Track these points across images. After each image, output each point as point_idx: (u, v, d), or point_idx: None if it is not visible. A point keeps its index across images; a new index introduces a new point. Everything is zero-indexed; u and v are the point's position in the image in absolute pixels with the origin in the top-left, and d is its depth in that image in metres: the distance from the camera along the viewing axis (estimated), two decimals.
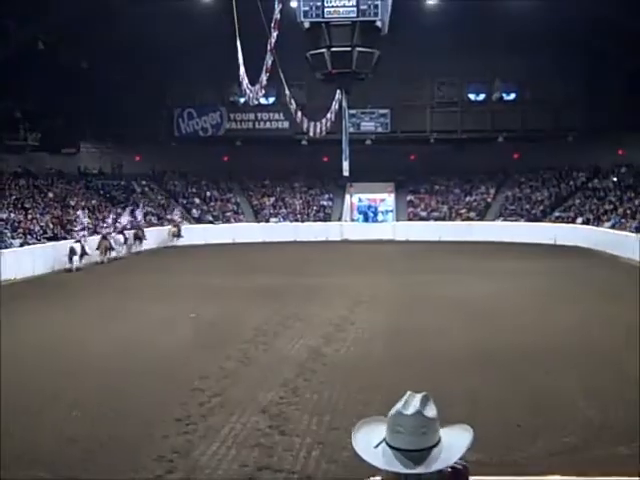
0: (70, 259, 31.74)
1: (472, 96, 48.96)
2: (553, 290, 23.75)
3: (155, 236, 42.12)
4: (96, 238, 34.86)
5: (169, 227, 44.31)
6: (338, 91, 30.63)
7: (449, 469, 3.07)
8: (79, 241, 32.88)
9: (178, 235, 43.41)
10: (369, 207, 50.34)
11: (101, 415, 11.52)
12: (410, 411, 2.99)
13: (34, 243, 32.54)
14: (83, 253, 32.47)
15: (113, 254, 35.86)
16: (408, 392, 3.10)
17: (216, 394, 12.46)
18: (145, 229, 41.12)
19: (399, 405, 3.03)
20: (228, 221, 46.87)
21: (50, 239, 34.00)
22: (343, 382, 13.27)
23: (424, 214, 47.88)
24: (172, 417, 11.23)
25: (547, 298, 22.14)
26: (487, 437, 8.96)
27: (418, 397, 3.05)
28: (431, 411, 3.02)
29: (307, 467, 9.40)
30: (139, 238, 40.08)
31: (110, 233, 36.20)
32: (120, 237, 37.52)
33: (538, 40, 40.39)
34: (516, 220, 44.74)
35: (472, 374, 13.54)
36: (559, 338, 16.27)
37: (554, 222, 42.92)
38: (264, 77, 20.55)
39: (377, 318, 19.51)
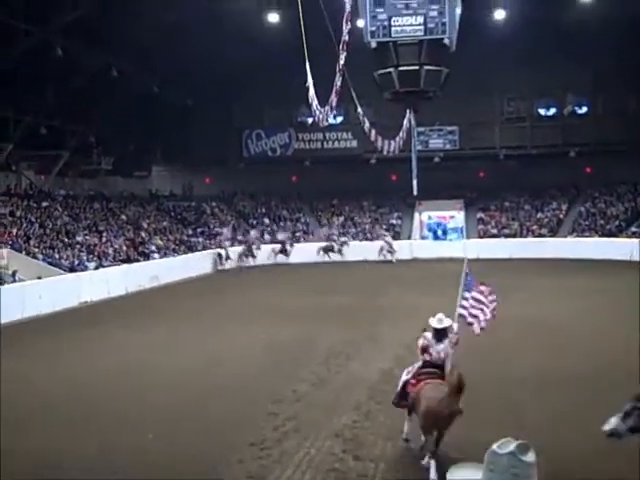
0: (218, 262, 41.14)
1: (542, 111, 48.37)
2: (631, 310, 22.88)
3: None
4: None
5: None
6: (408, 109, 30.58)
7: None
8: (225, 248, 41.72)
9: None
10: (438, 225, 49.94)
11: (177, 438, 11.62)
12: (503, 451, 3.00)
13: (108, 266, 33.24)
14: (227, 257, 41.29)
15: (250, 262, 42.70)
16: (508, 438, 3.11)
17: (290, 418, 12.45)
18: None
19: (495, 445, 3.04)
20: (298, 241, 46.97)
21: (124, 261, 34.65)
22: None
23: (495, 231, 47.27)
24: (247, 441, 11.25)
25: (625, 319, 21.36)
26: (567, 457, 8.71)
27: (516, 442, 3.05)
28: (528, 457, 3.01)
29: None
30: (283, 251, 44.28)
31: (254, 243, 43.60)
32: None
33: (608, 51, 39.68)
34: (590, 236, 43.78)
35: (547, 395, 13.24)
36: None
37: (630, 237, 41.75)
38: (334, 98, 20.51)
39: None
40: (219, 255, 41.56)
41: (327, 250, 44.18)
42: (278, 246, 44.46)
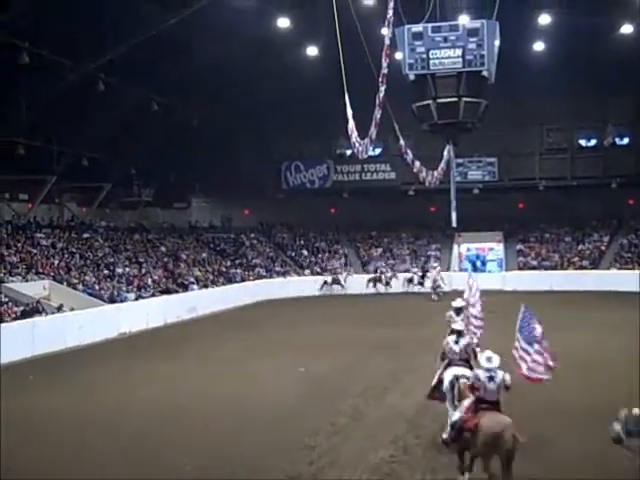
0: (322, 287, 45.07)
1: (583, 142, 47.95)
2: None
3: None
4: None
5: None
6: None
7: None
8: (335, 275, 45.72)
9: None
10: (477, 256, 49.60)
11: (211, 468, 11.61)
12: None
13: (147, 297, 33.47)
14: (334, 282, 45.07)
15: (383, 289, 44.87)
16: None
17: (327, 451, 12.35)
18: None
19: None
20: (336, 273, 47.00)
21: (163, 293, 34.86)
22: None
23: (534, 263, 46.79)
24: (284, 473, 11.20)
25: None
26: None
27: None
28: None
29: None
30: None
31: (385, 273, 45.92)
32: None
33: None
34: (632, 268, 43.10)
35: (582, 427, 13.16)
36: None
37: None
38: (374, 131, 20.60)
39: None
40: (325, 282, 45.19)
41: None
42: (409, 275, 45.62)
